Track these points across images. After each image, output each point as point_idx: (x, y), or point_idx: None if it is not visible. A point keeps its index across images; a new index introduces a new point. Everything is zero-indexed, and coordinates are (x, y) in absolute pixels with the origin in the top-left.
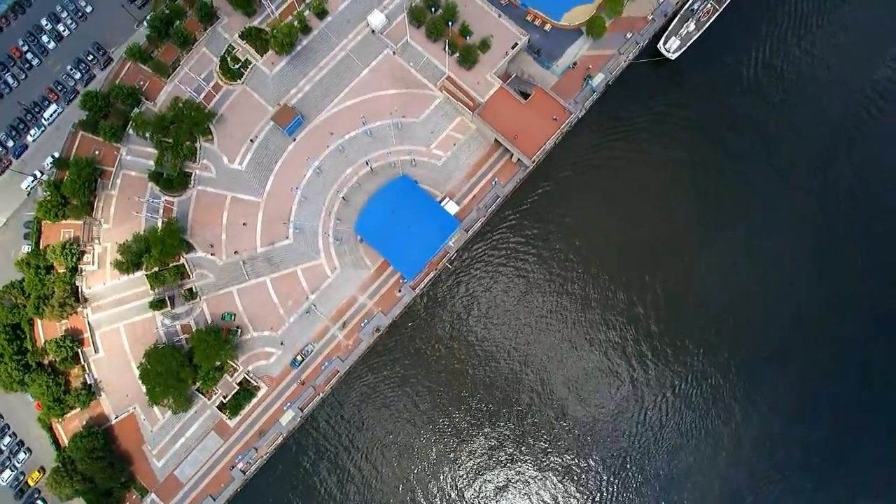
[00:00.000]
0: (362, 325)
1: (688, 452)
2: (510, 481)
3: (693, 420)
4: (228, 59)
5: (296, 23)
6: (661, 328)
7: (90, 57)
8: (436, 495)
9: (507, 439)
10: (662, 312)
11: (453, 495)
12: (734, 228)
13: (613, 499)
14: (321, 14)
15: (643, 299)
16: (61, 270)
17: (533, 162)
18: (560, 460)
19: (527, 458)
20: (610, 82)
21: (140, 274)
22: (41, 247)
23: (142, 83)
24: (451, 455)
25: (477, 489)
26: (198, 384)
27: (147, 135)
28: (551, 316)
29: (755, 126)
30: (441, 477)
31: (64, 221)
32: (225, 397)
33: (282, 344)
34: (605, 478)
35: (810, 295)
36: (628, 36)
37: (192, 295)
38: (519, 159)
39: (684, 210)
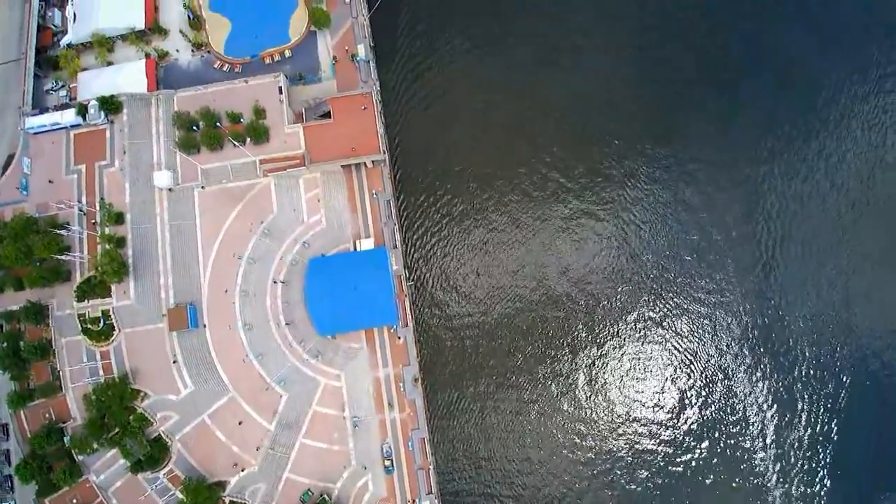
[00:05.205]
0: (402, 390)
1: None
2: (609, 376)
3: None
4: (89, 326)
5: (107, 245)
6: (578, 165)
7: None
8: (577, 437)
9: (577, 352)
10: (570, 156)
11: (583, 428)
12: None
13: (678, 320)
14: (119, 219)
15: (549, 164)
16: None
17: (383, 153)
18: (623, 332)
19: (603, 355)
20: (372, 44)
21: None
22: None
23: (47, 416)
24: (554, 397)
25: (599, 402)
26: None
27: (95, 446)
28: (514, 235)
29: None
30: (563, 422)
31: None
32: None
33: (365, 468)
34: (657, 305)
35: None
36: (346, 1)
37: None
38: (373, 161)
39: (515, 76)
